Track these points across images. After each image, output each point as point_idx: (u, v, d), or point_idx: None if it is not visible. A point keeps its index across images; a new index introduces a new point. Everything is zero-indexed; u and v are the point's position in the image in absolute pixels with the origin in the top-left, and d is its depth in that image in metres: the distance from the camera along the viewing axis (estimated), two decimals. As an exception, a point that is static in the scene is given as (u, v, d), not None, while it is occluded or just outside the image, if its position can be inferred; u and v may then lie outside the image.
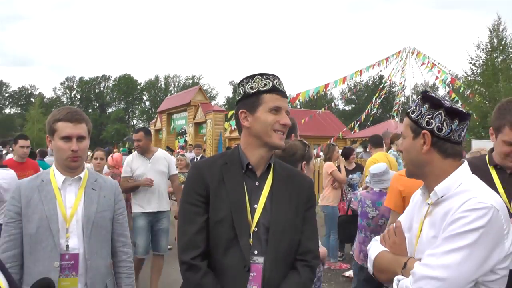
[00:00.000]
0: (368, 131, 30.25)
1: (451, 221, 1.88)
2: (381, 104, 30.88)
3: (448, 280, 1.81)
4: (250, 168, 2.37)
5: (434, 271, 1.84)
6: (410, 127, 2.13)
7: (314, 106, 60.09)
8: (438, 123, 2.03)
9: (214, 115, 22.27)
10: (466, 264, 1.81)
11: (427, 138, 2.05)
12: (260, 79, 2.34)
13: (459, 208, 1.89)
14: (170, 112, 27.00)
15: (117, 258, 3.01)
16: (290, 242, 2.34)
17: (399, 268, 2.06)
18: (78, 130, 2.77)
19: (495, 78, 26.43)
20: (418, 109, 2.11)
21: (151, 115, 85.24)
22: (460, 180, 2.03)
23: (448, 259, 1.83)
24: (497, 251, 1.85)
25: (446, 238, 1.87)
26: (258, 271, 2.25)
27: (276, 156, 3.84)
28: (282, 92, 2.36)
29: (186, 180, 2.47)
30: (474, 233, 1.81)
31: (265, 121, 2.29)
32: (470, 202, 1.87)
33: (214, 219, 2.26)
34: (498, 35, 27.51)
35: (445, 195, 2.01)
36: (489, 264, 1.84)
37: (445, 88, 29.66)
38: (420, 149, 2.08)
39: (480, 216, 1.82)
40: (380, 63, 29.69)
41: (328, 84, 28.55)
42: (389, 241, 2.25)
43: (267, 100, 2.30)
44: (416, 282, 1.87)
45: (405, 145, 2.17)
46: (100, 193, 2.91)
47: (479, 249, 1.82)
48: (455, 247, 1.83)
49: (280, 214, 2.32)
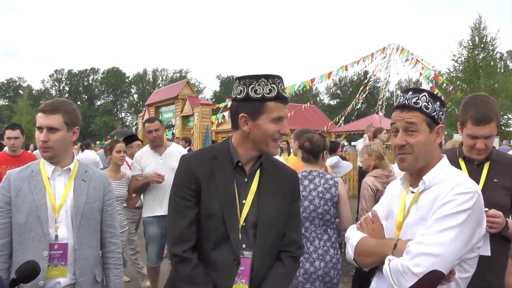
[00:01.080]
0: (353, 125, 30.61)
1: (442, 204, 2.03)
2: (365, 99, 31.18)
3: (442, 256, 1.94)
4: (239, 165, 2.37)
5: (429, 248, 1.95)
6: (426, 122, 2.19)
7: (299, 100, 60.23)
8: (443, 119, 2.25)
9: (201, 109, 22.29)
10: (457, 242, 1.96)
11: (441, 132, 2.22)
12: (266, 82, 2.25)
13: (449, 192, 2.04)
14: (158, 105, 26.98)
15: (105, 249, 3.01)
16: (276, 235, 2.39)
17: (389, 249, 2.15)
18: (48, 121, 2.74)
19: (476, 74, 27.01)
20: (432, 105, 2.20)
21: (139, 108, 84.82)
22: (443, 169, 2.21)
23: (441, 237, 1.96)
24: (478, 231, 2.05)
25: (438, 218, 2.01)
26: (246, 265, 2.29)
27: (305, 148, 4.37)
28: (285, 99, 2.31)
29: (176, 174, 2.43)
30: (463, 214, 1.98)
31: (267, 130, 2.27)
32: (458, 187, 2.04)
33: (205, 214, 2.28)
34: (479, 33, 28.01)
35: (431, 183, 2.17)
36: (472, 243, 2.04)
37: (428, 84, 30.02)
38: (434, 142, 2.22)
39: (467, 200, 2.00)
40: (365, 59, 29.98)
41: (314, 79, 28.78)
42: (367, 228, 2.37)
43: (271, 109, 2.25)
44: (413, 259, 1.97)
45: (420, 139, 2.18)
46: (89, 184, 2.90)
47: (466, 228, 1.99)
48: (447, 226, 1.97)
49: (267, 209, 2.35)
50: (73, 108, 2.89)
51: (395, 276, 2.02)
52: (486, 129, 2.95)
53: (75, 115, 2.89)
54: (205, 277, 2.25)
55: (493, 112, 2.96)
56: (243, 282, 2.29)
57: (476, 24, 27.92)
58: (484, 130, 2.95)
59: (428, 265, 1.93)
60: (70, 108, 2.85)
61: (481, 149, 2.98)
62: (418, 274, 1.94)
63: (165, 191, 5.44)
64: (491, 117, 2.94)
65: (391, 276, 2.04)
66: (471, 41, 28.19)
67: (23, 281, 2.08)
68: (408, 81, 63.85)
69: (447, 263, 1.96)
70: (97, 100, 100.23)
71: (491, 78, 27.09)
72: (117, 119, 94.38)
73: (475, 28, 28.03)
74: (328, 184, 4.13)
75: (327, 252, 4.05)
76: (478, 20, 27.83)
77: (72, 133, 2.87)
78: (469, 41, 28.28)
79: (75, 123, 2.87)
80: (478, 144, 2.97)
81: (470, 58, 27.93)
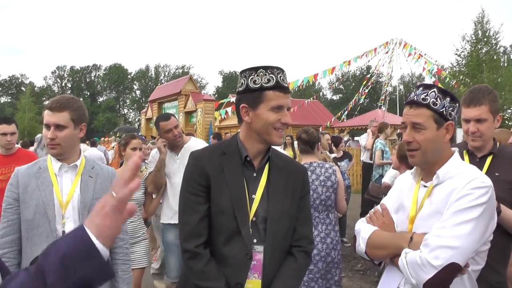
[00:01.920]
0: (356, 120, 30.62)
1: (458, 198, 2.07)
2: (368, 94, 31.18)
3: (460, 248, 1.97)
4: (248, 160, 2.39)
5: (448, 241, 1.98)
6: (434, 119, 2.22)
7: (302, 95, 60.20)
8: (455, 114, 2.25)
9: (204, 104, 22.30)
10: (474, 235, 2.00)
11: (451, 128, 2.24)
12: (264, 73, 2.28)
13: (465, 186, 2.08)
14: (161, 101, 27.02)
15: (113, 244, 3.04)
16: (286, 229, 2.40)
17: (405, 242, 2.17)
18: (55, 119, 2.74)
19: (479, 69, 26.95)
20: (441, 102, 2.21)
21: (142, 104, 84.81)
22: (456, 164, 2.24)
23: (459, 230, 2.00)
24: (491, 225, 2.11)
25: (455, 212, 2.04)
26: (258, 259, 2.30)
27: (302, 139, 4.76)
28: (285, 89, 2.32)
29: (186, 170, 2.45)
30: (479, 208, 2.02)
31: (266, 119, 2.28)
32: (474, 182, 2.08)
33: (216, 209, 2.30)
34: (482, 27, 27.95)
35: (444, 177, 2.20)
36: (486, 236, 2.08)
37: (431, 78, 29.99)
38: (443, 138, 2.24)
39: (483, 194, 2.05)
40: (368, 54, 29.98)
41: (317, 74, 28.79)
42: (377, 222, 2.39)
43: (270, 97, 2.27)
44: (432, 252, 1.99)
45: (428, 136, 2.22)
46: (96, 180, 2.92)
47: (482, 222, 2.03)
48: (464, 220, 2.01)
49: (277, 204, 2.36)
50: (80, 105, 2.89)
51: (413, 269, 2.04)
52: (475, 111, 2.96)
53: (82, 112, 2.89)
54: (218, 272, 2.25)
55: (484, 96, 2.97)
56: (255, 277, 2.30)
57: (479, 18, 27.84)
58: (474, 112, 2.97)
59: (447, 258, 1.95)
60: (77, 105, 2.85)
61: (474, 133, 2.99)
62: (437, 267, 1.96)
63: None
64: (481, 100, 2.96)
65: (408, 269, 2.06)
66: (474, 35, 28.11)
67: None
68: (411, 76, 63.84)
69: (465, 255, 1.98)
70: (99, 97, 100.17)
71: (494, 72, 27.00)
72: (119, 115, 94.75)
73: (478, 22, 27.95)
74: (328, 173, 4.58)
75: (328, 235, 4.47)
76: (481, 14, 27.76)
77: (79, 130, 2.88)
78: (472, 35, 28.20)
79: (82, 120, 2.88)
80: (470, 127, 2.99)
81: (473, 52, 27.87)
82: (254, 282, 2.29)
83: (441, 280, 1.98)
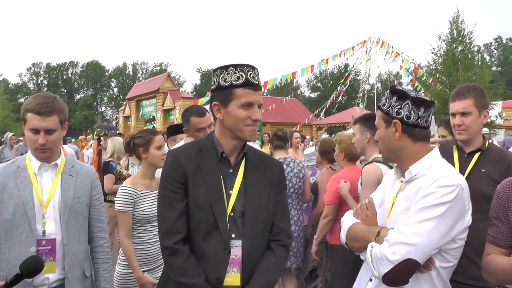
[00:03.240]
0: (334, 118, 30.83)
1: (423, 196, 2.11)
2: (346, 91, 31.40)
3: (418, 245, 2.02)
4: (224, 156, 2.43)
5: (407, 237, 2.04)
6: (383, 118, 2.36)
7: (280, 93, 60.22)
8: (406, 112, 2.27)
9: (182, 102, 22.23)
10: (434, 233, 2.04)
11: (398, 126, 2.29)
12: (234, 71, 2.32)
13: (431, 185, 2.11)
14: (139, 99, 26.90)
15: (94, 243, 3.01)
16: (264, 224, 2.44)
17: (373, 236, 2.25)
18: (46, 123, 2.66)
19: (454, 67, 27.31)
20: (388, 101, 2.33)
21: (120, 102, 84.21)
22: (431, 162, 2.27)
23: (420, 228, 2.04)
24: (459, 223, 2.12)
25: (419, 209, 2.09)
26: (237, 253, 2.33)
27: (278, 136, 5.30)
28: (255, 86, 2.34)
29: (163, 168, 2.48)
30: (442, 206, 2.05)
31: (237, 116, 2.32)
32: (440, 180, 2.11)
33: (194, 206, 2.33)
34: (457, 27, 28.35)
35: (418, 174, 2.25)
36: (452, 235, 2.10)
37: (408, 76, 30.36)
38: (393, 136, 2.31)
39: (448, 192, 2.07)
40: (345, 52, 30.19)
41: (296, 72, 28.90)
42: (361, 214, 2.46)
43: (239, 95, 2.30)
44: (390, 247, 2.06)
45: (379, 134, 2.40)
46: (77, 179, 2.88)
47: (445, 220, 2.06)
48: (426, 218, 2.05)
49: (254, 198, 2.40)
50: (63, 105, 2.82)
51: (375, 262, 2.12)
52: (460, 104, 3.08)
53: (66, 111, 2.84)
54: (197, 268, 2.28)
55: (470, 91, 3.08)
56: (235, 271, 2.33)
57: (455, 17, 28.22)
58: (459, 105, 3.08)
59: (404, 254, 2.01)
60: (62, 106, 2.78)
61: (459, 125, 3.09)
62: (393, 262, 2.02)
63: None
64: (466, 94, 3.07)
65: (372, 262, 2.14)
66: (449, 34, 28.50)
67: (27, 276, 2.10)
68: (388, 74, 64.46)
69: (423, 253, 2.03)
70: (76, 94, 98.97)
71: (469, 70, 27.40)
72: (97, 113, 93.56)
73: (454, 21, 28.34)
74: (300, 166, 5.40)
75: (299, 218, 5.31)
76: (456, 14, 28.14)
77: (63, 129, 2.84)
78: (448, 35, 28.59)
79: (66, 119, 2.84)
80: (456, 120, 3.10)
81: (449, 51, 28.23)
82: (234, 276, 2.33)
83: (398, 275, 2.05)
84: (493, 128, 28.76)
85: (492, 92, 27.51)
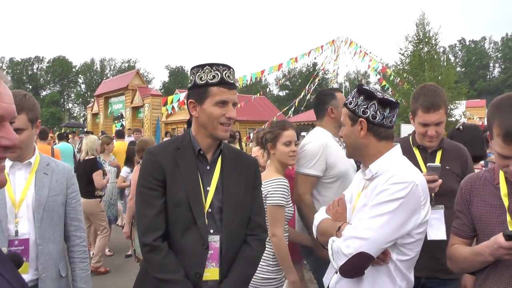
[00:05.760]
0: (303, 116, 31.05)
1: (378, 193, 2.21)
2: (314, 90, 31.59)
3: (370, 239, 2.12)
4: (201, 153, 2.49)
5: (360, 232, 2.15)
6: (348, 116, 2.43)
7: (249, 91, 60.37)
8: (372, 112, 2.34)
9: (151, 100, 22.08)
10: (386, 228, 2.14)
11: (364, 125, 2.36)
12: (210, 70, 2.39)
13: (385, 182, 2.21)
14: (108, 96, 26.52)
15: (70, 242, 2.97)
16: (242, 219, 2.53)
17: (335, 230, 2.38)
18: (14, 124, 2.62)
19: (421, 67, 27.91)
20: (355, 100, 2.40)
21: (87, 99, 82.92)
22: (391, 160, 2.35)
23: (372, 223, 2.15)
24: (414, 219, 2.19)
25: (372, 206, 2.20)
26: (215, 248, 2.40)
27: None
28: (230, 85, 2.42)
29: (141, 166, 2.53)
30: (395, 202, 2.14)
31: (211, 114, 2.39)
32: (394, 177, 2.20)
33: (172, 202, 2.37)
34: (423, 28, 28.98)
35: (378, 172, 2.33)
36: (406, 229, 2.18)
37: (376, 76, 30.77)
38: (358, 134, 2.39)
39: (401, 189, 2.15)
40: (314, 51, 30.36)
41: (264, 71, 28.93)
42: (332, 210, 2.56)
43: (214, 93, 2.38)
44: (345, 241, 2.18)
45: (345, 131, 2.48)
46: (52, 177, 2.84)
47: (398, 215, 2.14)
48: (379, 213, 2.15)
49: (232, 194, 2.48)
50: (34, 102, 2.77)
51: (334, 255, 2.25)
52: (435, 116, 3.10)
53: (37, 109, 2.79)
54: (176, 264, 2.32)
55: (442, 100, 3.12)
56: (213, 266, 2.41)
57: (421, 19, 28.82)
58: (434, 117, 3.10)
59: (357, 247, 2.13)
60: (31, 104, 2.73)
61: (432, 136, 3.15)
62: (347, 255, 2.15)
63: None
64: (440, 104, 3.10)
65: (332, 255, 2.28)
66: (416, 35, 29.11)
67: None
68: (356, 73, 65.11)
69: (375, 246, 2.14)
70: (42, 90, 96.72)
71: (435, 70, 28.01)
72: (64, 110, 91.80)
73: (420, 23, 28.96)
74: None
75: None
76: (422, 16, 28.72)
77: (35, 127, 2.79)
78: (415, 36, 29.20)
79: (37, 118, 2.79)
80: (430, 131, 3.14)
81: (415, 52, 28.83)
82: (212, 271, 2.40)
83: (352, 267, 2.17)
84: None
85: (456, 92, 28.25)
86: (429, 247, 2.45)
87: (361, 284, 2.29)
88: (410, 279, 2.35)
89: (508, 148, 2.04)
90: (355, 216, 2.34)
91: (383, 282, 2.26)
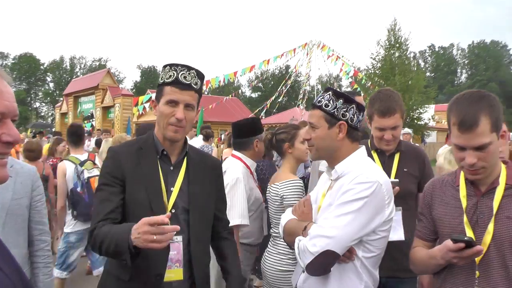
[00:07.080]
0: (275, 118, 31.27)
1: (343, 192, 2.27)
2: (287, 92, 31.80)
3: (335, 238, 2.17)
4: (164, 154, 2.49)
5: (326, 231, 2.20)
6: (325, 119, 2.43)
7: (221, 92, 60.27)
8: (351, 115, 2.42)
9: (122, 99, 21.95)
10: (351, 226, 2.19)
11: (344, 128, 2.41)
12: (169, 69, 2.40)
13: (350, 182, 2.27)
14: (77, 95, 26.22)
15: (34, 247, 2.89)
16: (208, 219, 2.59)
17: (301, 230, 2.42)
18: None
19: (392, 72, 28.56)
20: (333, 103, 2.41)
21: (56, 98, 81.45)
22: (356, 160, 2.42)
23: (338, 222, 2.20)
24: (379, 217, 2.26)
25: (338, 205, 2.25)
26: (178, 249, 2.40)
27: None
28: (183, 85, 2.37)
29: (103, 164, 2.53)
30: (359, 201, 2.21)
31: (162, 113, 2.40)
32: (359, 177, 2.26)
33: (132, 202, 2.35)
34: (395, 34, 29.58)
35: (343, 172, 2.39)
36: (371, 227, 2.24)
37: (348, 79, 31.13)
38: (335, 136, 2.42)
39: (365, 188, 2.22)
40: (287, 54, 30.54)
41: (237, 72, 29.01)
42: (298, 211, 2.61)
43: (166, 92, 2.38)
44: (311, 240, 2.22)
45: (319, 134, 2.45)
46: (16, 179, 2.75)
47: (362, 214, 2.21)
48: (343, 212, 2.21)
49: (197, 195, 2.49)
50: None
51: (301, 254, 2.29)
52: (391, 120, 3.15)
53: None
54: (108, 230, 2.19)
55: (397, 104, 3.16)
56: (177, 266, 2.39)
57: (392, 25, 29.38)
58: (390, 121, 3.15)
59: (323, 246, 2.17)
60: None
61: (389, 140, 3.19)
62: (314, 253, 2.18)
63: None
64: (395, 109, 3.14)
65: (299, 254, 2.31)
66: (387, 41, 29.65)
67: None
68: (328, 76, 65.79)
69: (340, 244, 2.18)
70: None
71: (405, 75, 28.59)
72: (31, 109, 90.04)
73: (391, 29, 29.52)
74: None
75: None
76: (394, 22, 29.29)
77: None
78: (386, 41, 29.75)
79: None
80: (386, 135, 3.18)
81: (386, 57, 29.39)
82: (176, 271, 2.39)
83: (319, 265, 2.23)
84: (427, 130, 30.11)
85: (425, 96, 28.76)
86: (388, 248, 2.47)
87: (328, 282, 2.33)
88: (376, 276, 2.40)
89: (462, 137, 2.08)
90: (321, 216, 2.39)
91: (349, 279, 2.31)
